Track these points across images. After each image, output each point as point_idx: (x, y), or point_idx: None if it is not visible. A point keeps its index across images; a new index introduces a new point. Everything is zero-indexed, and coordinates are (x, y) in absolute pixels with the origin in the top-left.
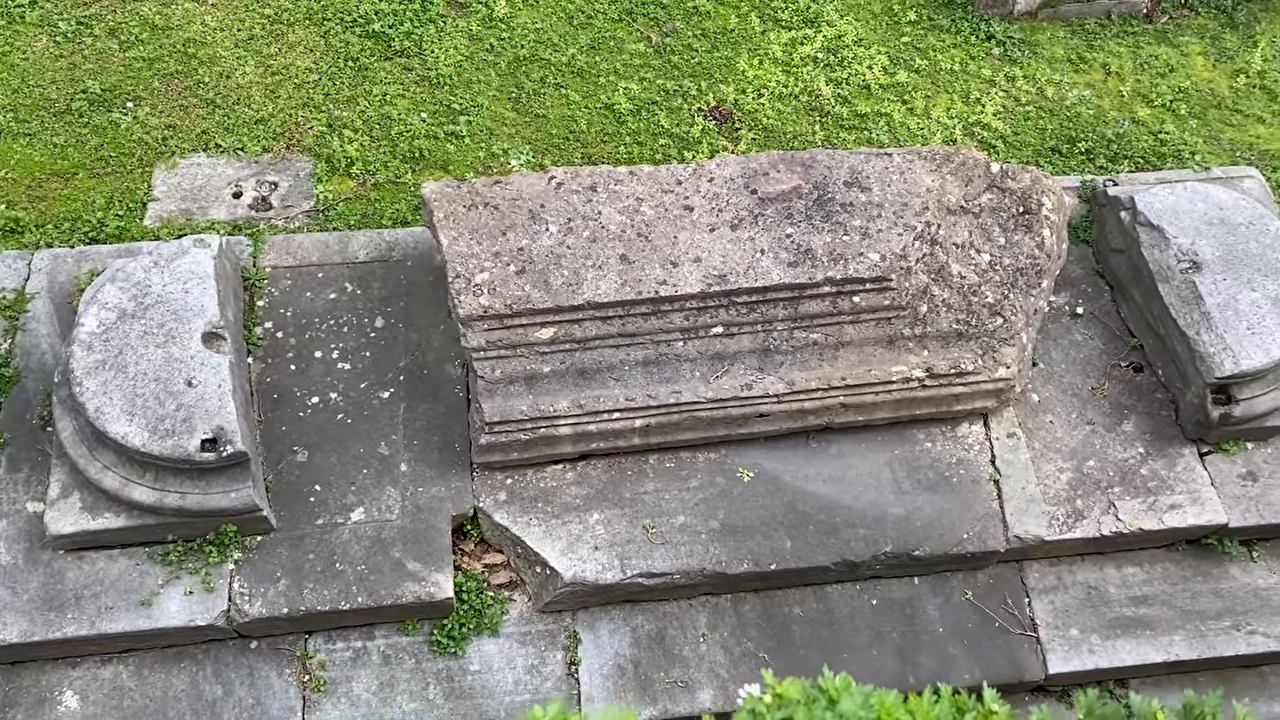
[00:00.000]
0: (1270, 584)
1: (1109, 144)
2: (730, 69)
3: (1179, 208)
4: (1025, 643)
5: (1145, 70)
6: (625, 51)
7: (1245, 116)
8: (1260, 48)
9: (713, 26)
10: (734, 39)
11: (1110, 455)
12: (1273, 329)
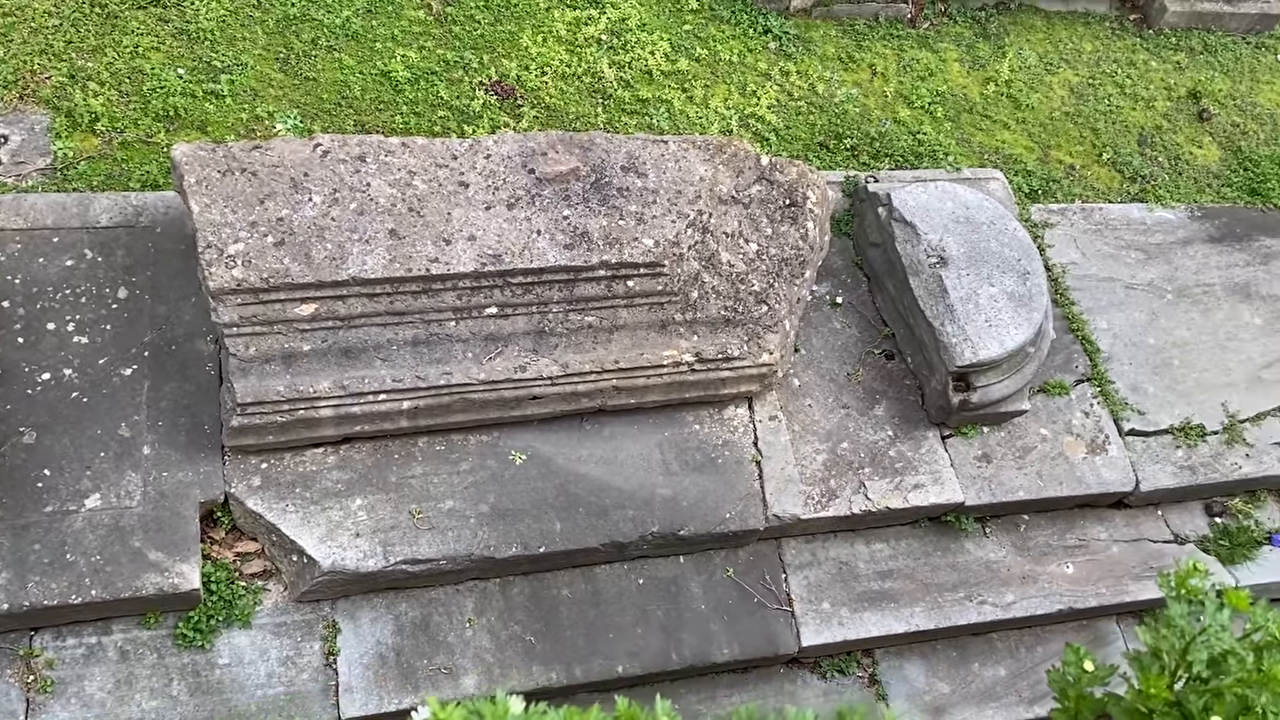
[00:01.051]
0: (1000, 557)
1: (872, 141)
2: (514, 44)
3: (930, 206)
4: (781, 617)
5: (907, 73)
6: (404, 18)
7: (993, 122)
8: (1009, 58)
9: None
10: (518, 13)
11: (863, 438)
12: (1007, 322)
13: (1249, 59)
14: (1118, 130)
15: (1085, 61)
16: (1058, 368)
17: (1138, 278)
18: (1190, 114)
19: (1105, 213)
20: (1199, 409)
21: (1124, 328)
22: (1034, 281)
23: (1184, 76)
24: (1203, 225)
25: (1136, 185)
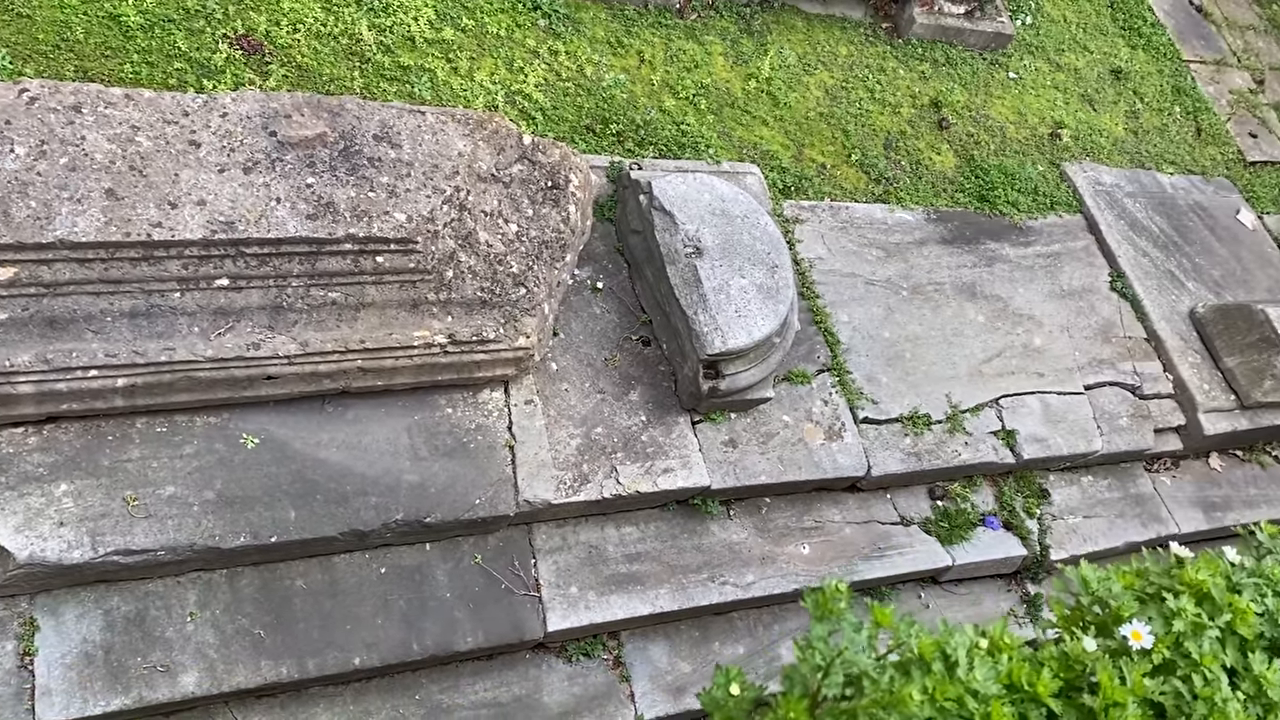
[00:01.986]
0: (741, 539)
1: (638, 129)
2: None
3: (689, 196)
4: (528, 603)
5: (674, 63)
6: None
7: (753, 117)
8: (770, 56)
9: None
10: None
11: (617, 422)
12: (755, 313)
13: (984, 74)
14: (866, 133)
15: (840, 65)
16: (801, 358)
17: (877, 274)
18: (931, 122)
19: (851, 211)
20: (926, 399)
21: (863, 321)
22: (781, 275)
23: (928, 85)
24: (937, 228)
25: (880, 186)
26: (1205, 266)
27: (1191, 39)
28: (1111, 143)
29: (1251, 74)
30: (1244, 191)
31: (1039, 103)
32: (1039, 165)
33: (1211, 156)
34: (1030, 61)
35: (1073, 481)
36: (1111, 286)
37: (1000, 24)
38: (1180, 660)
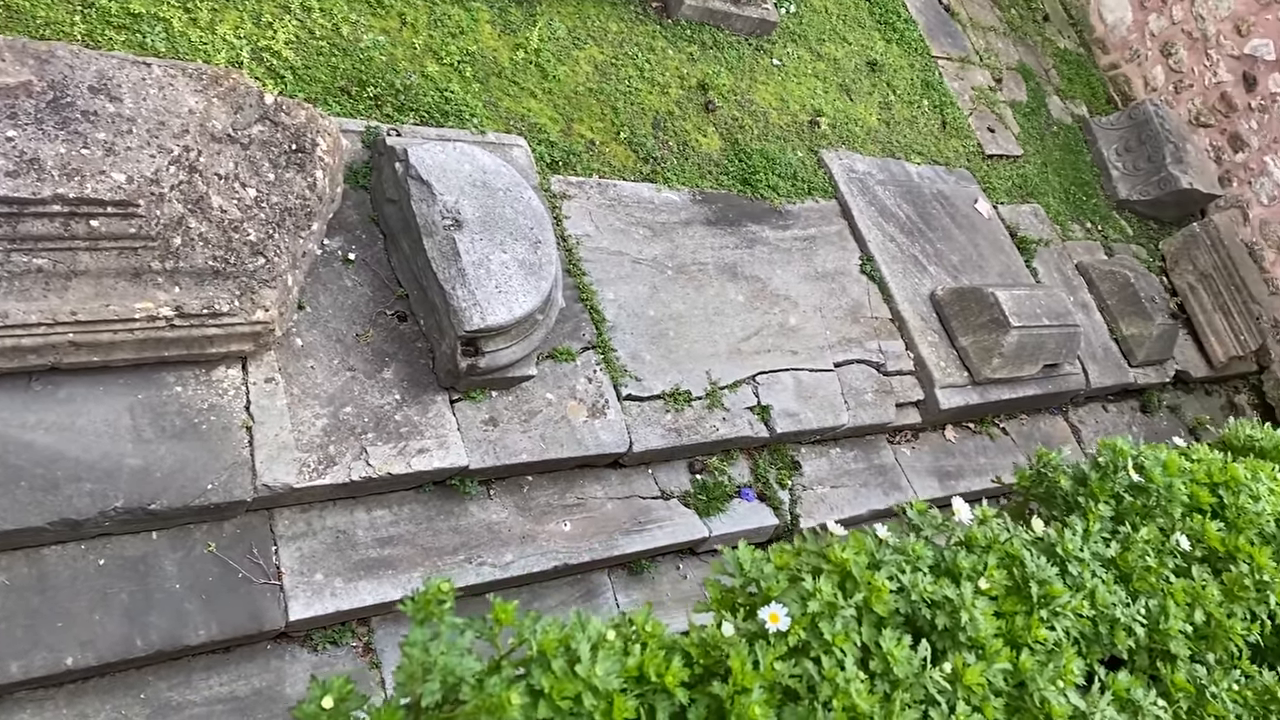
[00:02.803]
0: (501, 518)
1: (398, 94)
2: None
3: (448, 166)
4: (268, 592)
5: (439, 28)
6: None
7: (521, 89)
8: (539, 27)
9: None
10: None
11: (368, 401)
12: (517, 289)
13: (750, 59)
14: (635, 111)
15: (611, 41)
16: (566, 335)
17: (644, 253)
18: (699, 104)
19: (619, 189)
20: (687, 376)
21: (628, 299)
22: (545, 251)
23: (696, 67)
24: (702, 208)
25: (649, 166)
26: (945, 252)
27: (940, 36)
28: (866, 132)
29: (991, 73)
30: (981, 182)
31: (800, 90)
32: (799, 151)
33: (954, 148)
34: (793, 49)
35: (822, 453)
36: (862, 269)
37: (765, 10)
38: (814, 641)
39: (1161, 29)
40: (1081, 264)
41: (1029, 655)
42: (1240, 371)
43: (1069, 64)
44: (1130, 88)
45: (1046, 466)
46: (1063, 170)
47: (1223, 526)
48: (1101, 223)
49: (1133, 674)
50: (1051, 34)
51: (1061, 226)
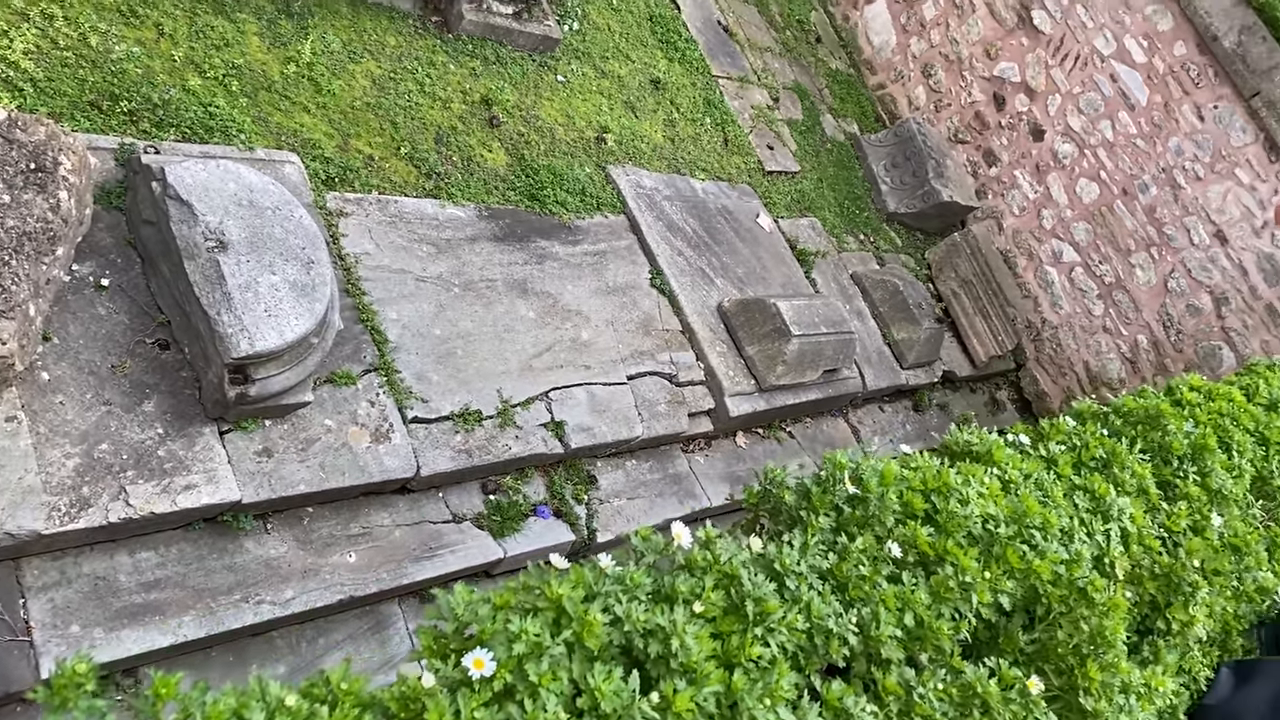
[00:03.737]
0: (280, 553)
1: (156, 109)
2: None
3: (211, 185)
4: (16, 649)
5: (201, 39)
6: None
7: (293, 103)
8: (311, 40)
9: None
10: None
11: (127, 437)
12: (288, 312)
13: (534, 75)
14: (416, 126)
15: (389, 55)
16: (346, 358)
17: (429, 271)
18: (483, 119)
19: (401, 206)
20: (477, 395)
21: (413, 319)
22: (319, 271)
23: (478, 83)
24: (489, 225)
25: (432, 182)
26: (730, 264)
27: (720, 56)
28: (652, 148)
29: (769, 92)
30: (763, 197)
31: (586, 107)
32: (586, 167)
33: (737, 165)
34: (578, 66)
35: (618, 466)
36: (652, 283)
37: (548, 27)
38: (520, 684)
39: (922, 51)
40: (856, 274)
41: (743, 675)
42: (1001, 370)
43: (840, 84)
44: (896, 106)
45: (772, 483)
46: (837, 185)
47: (933, 531)
48: (873, 234)
49: (849, 682)
50: (824, 55)
51: (837, 239)
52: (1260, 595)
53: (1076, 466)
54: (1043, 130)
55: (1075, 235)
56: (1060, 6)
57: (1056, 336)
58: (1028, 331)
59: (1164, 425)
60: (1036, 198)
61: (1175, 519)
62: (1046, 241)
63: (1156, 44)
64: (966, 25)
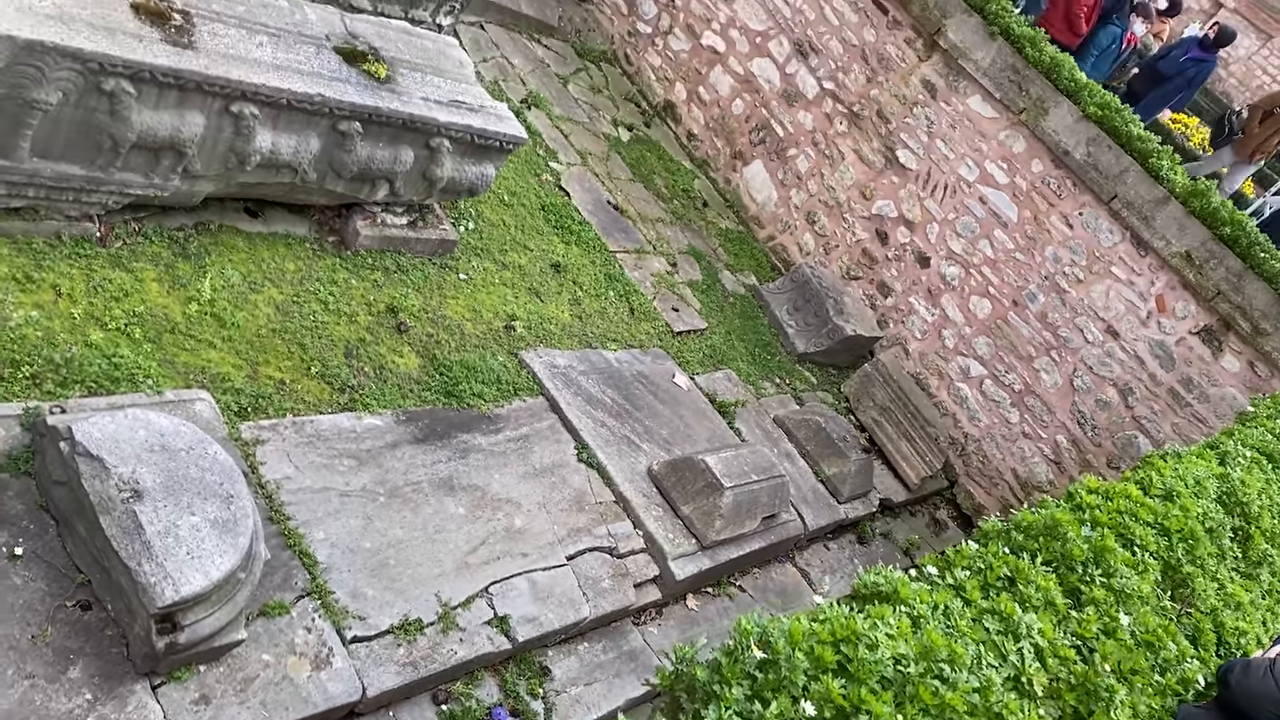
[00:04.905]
0: None
1: (58, 368)
2: None
3: (120, 436)
4: None
5: (100, 293)
6: None
7: (198, 341)
8: (210, 277)
9: None
10: None
11: (54, 709)
12: (211, 551)
13: (436, 277)
14: (325, 344)
15: (290, 280)
16: (277, 586)
17: (352, 484)
18: (390, 327)
19: (317, 424)
20: (416, 604)
21: (341, 535)
22: (239, 505)
23: (382, 293)
24: (408, 428)
25: (346, 395)
26: (654, 428)
27: (614, 233)
28: (561, 328)
29: (666, 259)
30: (676, 358)
31: (491, 299)
32: (499, 356)
33: (646, 331)
34: (478, 263)
35: (570, 652)
36: (579, 458)
37: (444, 231)
38: None
39: (803, 201)
40: (778, 417)
41: None
42: (936, 489)
43: (732, 241)
44: (788, 254)
45: (683, 661)
46: (745, 335)
47: (846, 682)
48: (788, 376)
49: None
50: (712, 217)
51: (754, 386)
52: (1184, 686)
53: (984, 589)
54: (928, 257)
55: (978, 350)
56: (921, 143)
57: (981, 449)
58: (953, 448)
59: (1063, 534)
60: (935, 320)
61: (1086, 625)
62: (953, 359)
63: (1015, 165)
64: (839, 172)
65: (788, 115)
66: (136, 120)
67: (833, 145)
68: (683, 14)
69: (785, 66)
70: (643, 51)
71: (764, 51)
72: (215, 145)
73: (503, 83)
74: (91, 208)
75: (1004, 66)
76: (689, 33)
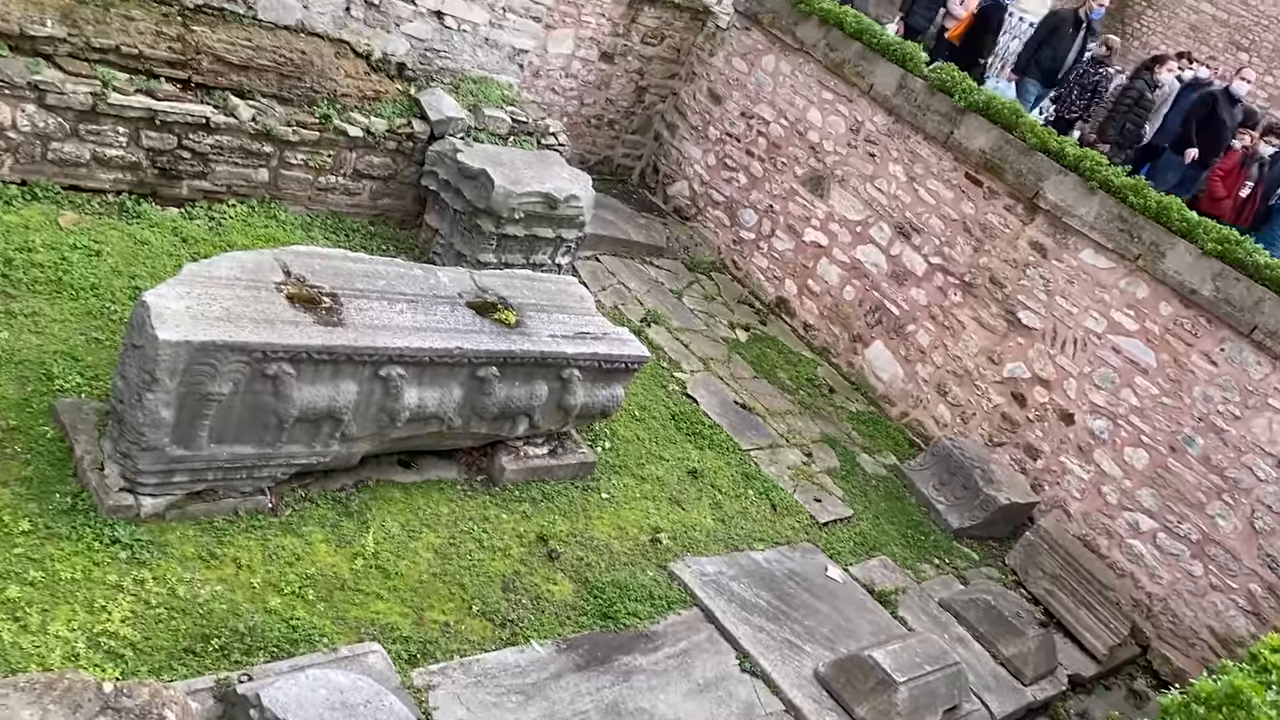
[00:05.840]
0: None
1: (242, 637)
2: None
3: (303, 697)
4: None
5: (275, 560)
6: None
7: (366, 594)
8: (372, 531)
9: None
10: None
11: None
12: None
13: (580, 500)
14: (483, 581)
15: (445, 523)
16: None
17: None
18: (542, 555)
19: (483, 663)
20: None
21: None
22: None
23: (531, 523)
24: (569, 656)
25: (507, 630)
26: (815, 626)
27: (746, 431)
28: (705, 534)
29: (801, 450)
30: (826, 550)
31: (634, 514)
32: (648, 570)
33: (791, 526)
34: (618, 480)
35: None
36: (742, 668)
37: (582, 454)
38: None
39: (930, 374)
40: (943, 599)
41: None
42: (1127, 658)
43: (864, 423)
44: (924, 429)
45: None
46: (894, 517)
47: None
48: (947, 555)
49: None
50: (841, 402)
51: (912, 570)
52: None
53: None
54: (1070, 414)
55: (1144, 502)
56: (1041, 302)
57: (1168, 608)
58: (1138, 610)
59: (1247, 701)
60: (1091, 477)
61: None
62: (1118, 516)
63: (1142, 310)
64: (962, 341)
65: (900, 294)
66: (298, 396)
67: (950, 316)
68: (782, 217)
69: (889, 249)
70: (749, 256)
71: (866, 238)
72: (368, 408)
73: (621, 306)
74: (262, 481)
75: (1110, 217)
76: (791, 232)
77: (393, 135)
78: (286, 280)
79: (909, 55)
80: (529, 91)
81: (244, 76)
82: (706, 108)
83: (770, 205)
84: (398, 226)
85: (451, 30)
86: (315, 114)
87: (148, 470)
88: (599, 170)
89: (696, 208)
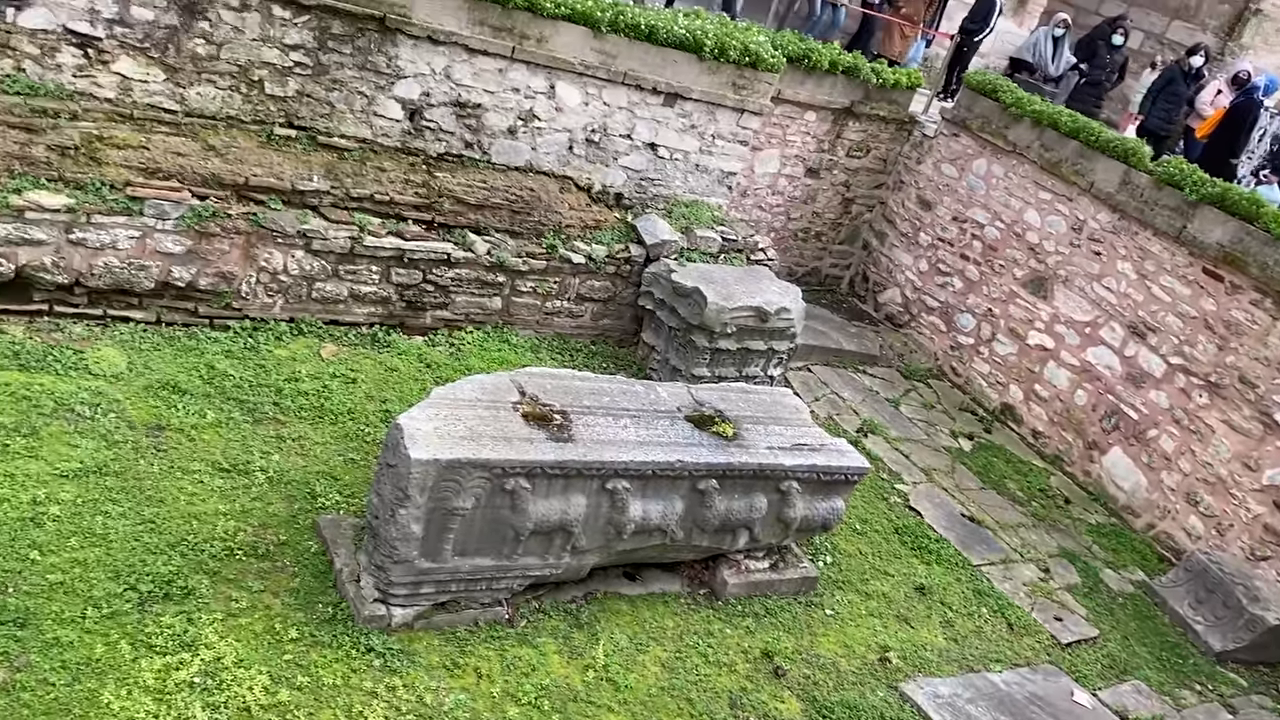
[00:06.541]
0: None
1: None
2: (94, 703)
3: None
4: None
5: (512, 671)
6: None
7: (598, 706)
8: (603, 643)
9: (75, 657)
10: (99, 669)
11: None
12: None
13: (803, 616)
14: (710, 697)
15: (670, 636)
16: None
17: None
18: (767, 672)
19: None
20: None
21: None
22: None
23: (755, 639)
24: None
25: None
26: None
27: (975, 545)
28: (937, 654)
29: (1037, 565)
30: (1070, 672)
31: (860, 631)
32: (878, 691)
33: (1030, 646)
34: (842, 595)
35: None
36: None
37: (804, 569)
38: None
39: (1178, 482)
40: None
41: None
42: None
43: (1106, 536)
44: (1175, 542)
45: None
46: (1145, 638)
47: None
48: (1209, 681)
49: None
50: (1078, 514)
51: (1171, 697)
52: None
53: None
54: None
55: None
56: None
57: None
58: None
59: None
60: None
61: None
62: None
63: None
64: (1212, 446)
65: (1137, 397)
66: (533, 510)
67: (1196, 420)
68: (1003, 320)
69: (1123, 350)
70: (968, 362)
71: (1096, 339)
72: (596, 520)
73: (836, 416)
74: (500, 593)
75: None
76: (1013, 336)
77: (612, 260)
78: (521, 400)
79: (1131, 150)
80: (737, 210)
81: (480, 214)
82: (916, 214)
83: (989, 309)
84: (617, 345)
85: (664, 160)
86: (542, 244)
87: (399, 582)
88: (807, 281)
89: (909, 314)
